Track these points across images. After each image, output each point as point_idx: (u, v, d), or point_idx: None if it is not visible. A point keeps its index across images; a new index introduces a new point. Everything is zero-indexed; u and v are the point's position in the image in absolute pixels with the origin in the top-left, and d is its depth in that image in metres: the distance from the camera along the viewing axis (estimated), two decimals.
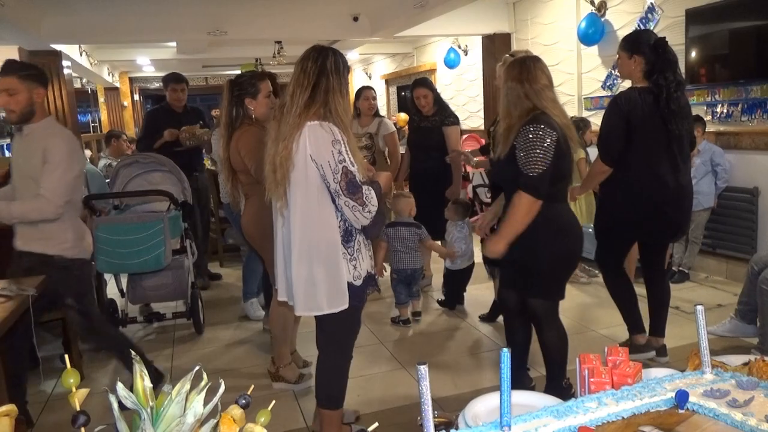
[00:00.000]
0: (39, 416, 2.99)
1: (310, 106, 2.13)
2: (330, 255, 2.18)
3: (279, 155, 2.14)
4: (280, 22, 6.92)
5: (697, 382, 1.14)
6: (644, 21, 5.23)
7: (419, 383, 0.91)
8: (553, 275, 2.54)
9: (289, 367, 3.15)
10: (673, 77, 2.91)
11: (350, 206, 2.13)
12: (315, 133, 2.11)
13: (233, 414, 0.75)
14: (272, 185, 2.21)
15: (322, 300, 2.20)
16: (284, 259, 2.28)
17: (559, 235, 2.43)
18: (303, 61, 2.19)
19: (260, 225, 2.93)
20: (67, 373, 0.71)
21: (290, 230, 2.21)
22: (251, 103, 2.96)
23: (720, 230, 4.70)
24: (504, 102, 2.50)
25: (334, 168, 2.10)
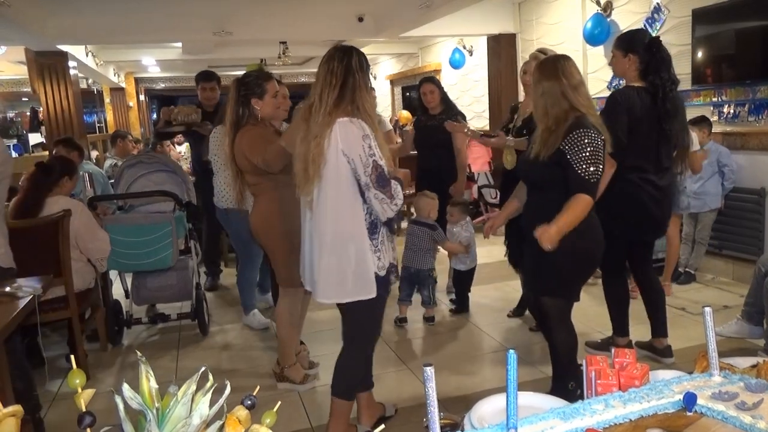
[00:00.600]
0: (45, 416, 3.00)
1: (339, 104, 2.22)
2: (359, 246, 2.27)
3: (311, 152, 2.22)
4: (286, 23, 6.93)
5: (705, 384, 1.13)
6: (650, 21, 5.21)
7: (425, 384, 0.90)
8: (570, 276, 2.53)
9: (294, 368, 3.15)
10: (668, 76, 2.95)
11: (379, 199, 2.22)
12: (345, 129, 2.20)
13: (239, 415, 0.75)
14: (303, 181, 2.30)
15: (350, 289, 2.29)
16: (311, 251, 2.37)
17: (580, 236, 2.41)
18: (329, 61, 2.28)
19: (269, 223, 2.97)
20: (73, 373, 0.71)
21: (318, 223, 2.30)
22: (257, 103, 2.96)
23: (727, 231, 4.67)
24: (541, 102, 2.49)
25: (365, 162, 2.19)
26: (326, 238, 2.28)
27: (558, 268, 2.47)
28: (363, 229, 2.28)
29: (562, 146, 2.37)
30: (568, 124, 2.39)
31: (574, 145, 2.35)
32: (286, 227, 2.96)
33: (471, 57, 8.48)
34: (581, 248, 2.46)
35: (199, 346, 3.91)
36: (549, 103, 2.46)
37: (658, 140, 2.96)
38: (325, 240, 2.29)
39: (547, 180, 2.49)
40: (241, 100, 2.97)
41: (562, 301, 2.59)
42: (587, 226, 2.44)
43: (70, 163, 3.75)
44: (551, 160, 2.41)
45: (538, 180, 2.57)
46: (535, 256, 2.51)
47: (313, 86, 2.31)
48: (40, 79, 6.80)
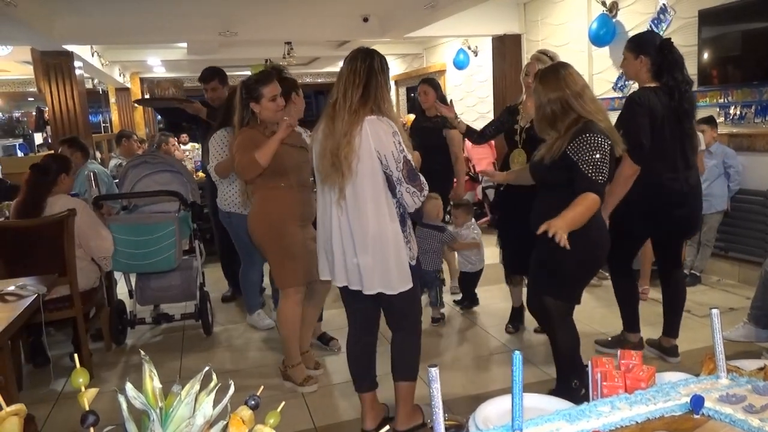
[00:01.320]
0: (49, 415, 3.01)
1: (364, 103, 2.31)
2: (396, 239, 2.37)
3: (342, 149, 2.28)
4: (291, 23, 6.94)
5: (712, 386, 1.12)
6: (656, 22, 5.19)
7: (430, 386, 0.90)
8: (574, 278, 2.56)
9: (298, 368, 3.15)
10: (682, 77, 2.98)
11: (411, 192, 2.32)
12: (375, 127, 2.29)
13: (242, 415, 0.74)
14: (333, 178, 2.35)
15: (394, 281, 2.39)
16: (342, 247, 2.42)
17: (586, 238, 2.42)
18: (352, 62, 2.37)
19: (260, 223, 3.02)
20: (76, 372, 0.70)
21: (355, 219, 2.35)
22: (255, 106, 2.97)
23: (733, 233, 4.65)
24: (550, 116, 2.50)
25: (396, 157, 2.28)
26: (367, 233, 2.34)
27: (562, 270, 2.49)
28: (397, 222, 2.38)
29: (568, 150, 2.39)
30: (574, 130, 2.42)
31: (580, 149, 2.37)
32: (278, 228, 2.99)
33: (476, 57, 8.46)
34: (586, 252, 2.46)
35: (202, 346, 3.91)
36: (558, 116, 2.47)
37: (681, 139, 3.01)
38: (366, 235, 2.34)
39: (553, 182, 2.52)
40: (243, 102, 3.00)
41: (565, 302, 2.61)
42: (592, 229, 2.43)
43: (65, 159, 3.76)
44: (557, 164, 2.43)
45: (546, 181, 2.59)
46: (540, 257, 2.54)
47: (336, 85, 2.40)
48: (45, 79, 6.82)
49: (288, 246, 2.99)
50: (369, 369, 2.67)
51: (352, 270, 2.43)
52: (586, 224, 2.38)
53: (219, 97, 4.39)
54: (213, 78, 4.42)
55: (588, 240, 2.43)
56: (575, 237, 2.32)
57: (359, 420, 2.77)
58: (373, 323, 2.66)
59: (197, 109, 4.28)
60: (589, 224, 2.39)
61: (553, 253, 2.37)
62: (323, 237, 2.54)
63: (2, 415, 0.65)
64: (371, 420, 2.64)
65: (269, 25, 6.92)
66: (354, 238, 2.38)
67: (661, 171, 2.99)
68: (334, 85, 2.44)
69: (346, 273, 2.46)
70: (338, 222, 2.41)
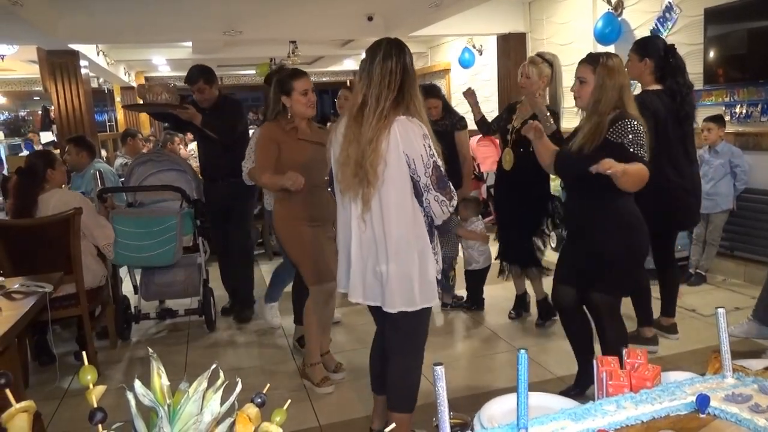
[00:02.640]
0: (54, 412, 3.02)
1: (396, 106, 2.12)
2: (423, 251, 2.18)
3: (367, 157, 2.09)
4: (295, 22, 6.95)
5: (717, 386, 1.12)
6: (662, 20, 5.17)
7: (435, 384, 0.90)
8: (622, 270, 2.59)
9: (317, 367, 3.13)
10: (684, 81, 3.15)
11: (439, 201, 2.14)
12: (406, 128, 2.10)
13: (249, 413, 0.74)
14: (356, 189, 2.15)
15: (417, 297, 2.18)
16: (363, 259, 2.22)
17: (629, 229, 2.50)
18: (385, 60, 2.14)
19: (279, 223, 3.03)
20: (84, 369, 0.71)
21: (379, 229, 2.16)
22: (287, 100, 2.95)
23: (738, 232, 4.63)
24: (605, 99, 2.49)
25: (426, 162, 2.10)
26: (390, 244, 2.14)
27: (612, 265, 2.54)
28: (424, 232, 2.19)
29: (609, 135, 2.44)
30: (612, 117, 2.47)
31: (620, 131, 2.42)
32: (291, 228, 2.98)
33: (480, 56, 8.46)
34: (633, 244, 2.54)
35: (206, 342, 3.93)
36: (609, 100, 2.49)
37: (683, 139, 3.16)
38: (390, 246, 2.14)
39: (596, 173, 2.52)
40: (274, 98, 3.00)
41: (613, 297, 2.64)
42: (637, 222, 2.53)
43: (49, 154, 3.78)
44: (598, 153, 2.41)
45: (586, 173, 2.55)
46: (585, 254, 2.58)
47: (362, 84, 2.18)
48: (51, 78, 6.84)
49: (307, 247, 2.98)
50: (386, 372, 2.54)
51: (371, 284, 2.22)
52: (621, 211, 2.47)
53: (207, 98, 4.10)
54: (198, 79, 4.07)
55: (633, 232, 2.52)
56: (620, 227, 2.46)
57: (364, 419, 2.78)
58: None
59: (191, 116, 3.92)
60: (623, 211, 2.47)
61: (599, 248, 2.48)
62: (342, 248, 2.34)
63: (12, 412, 0.66)
64: (380, 420, 2.58)
65: (274, 25, 6.93)
66: (377, 250, 2.18)
67: (667, 170, 3.11)
68: (357, 83, 2.23)
69: (363, 288, 2.25)
70: (359, 235, 2.21)
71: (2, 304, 2.18)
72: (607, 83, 2.48)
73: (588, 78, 2.54)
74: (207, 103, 4.10)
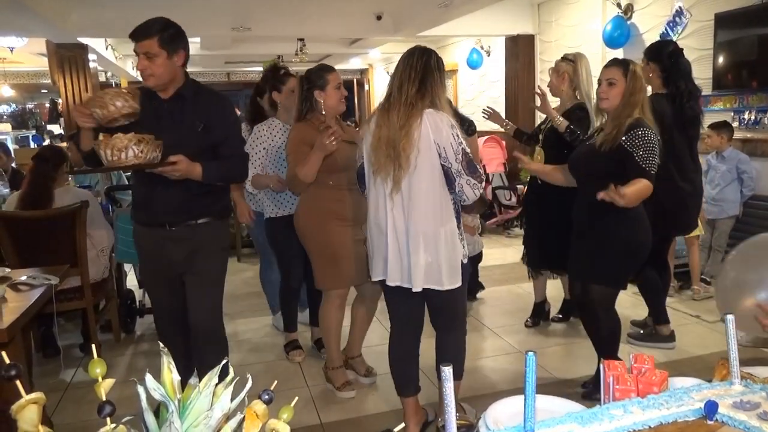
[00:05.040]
0: (58, 404, 3.03)
1: (421, 97, 2.28)
2: (453, 236, 2.34)
3: (401, 142, 2.24)
4: (304, 20, 6.95)
5: (725, 392, 1.11)
6: (672, 24, 5.15)
7: (443, 385, 0.90)
8: (623, 266, 2.68)
9: (338, 371, 3.09)
10: (686, 86, 3.15)
11: (471, 184, 2.29)
12: (435, 119, 2.26)
13: (256, 409, 0.75)
14: (388, 168, 2.29)
15: (444, 277, 2.33)
16: (397, 243, 2.36)
17: (631, 224, 2.59)
18: (408, 58, 2.35)
19: (310, 222, 2.90)
20: (93, 363, 0.71)
21: (409, 214, 2.31)
22: (320, 95, 2.84)
23: (744, 239, 4.59)
24: (632, 103, 2.57)
25: (456, 149, 2.25)
26: (420, 228, 2.30)
27: (612, 259, 2.62)
28: (453, 218, 2.35)
29: (623, 142, 2.50)
30: (629, 122, 2.53)
31: (634, 141, 2.49)
32: (323, 228, 2.86)
33: (488, 57, 8.44)
34: (636, 241, 2.62)
35: None
36: (635, 103, 2.57)
37: (689, 144, 3.21)
38: (419, 230, 2.30)
39: (604, 171, 2.56)
40: (305, 95, 2.89)
41: (611, 289, 2.72)
42: (641, 219, 2.61)
43: (61, 151, 3.79)
44: (611, 154, 2.53)
45: (597, 171, 2.62)
46: (587, 246, 2.67)
47: (390, 80, 2.38)
48: (60, 71, 6.87)
49: (333, 247, 2.86)
50: (413, 372, 2.57)
51: (405, 267, 2.36)
52: (633, 211, 2.53)
53: (157, 75, 2.31)
54: (149, 33, 2.39)
55: (636, 229, 2.60)
56: (623, 223, 2.54)
57: (366, 418, 2.79)
58: (419, 325, 2.57)
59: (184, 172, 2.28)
60: (634, 210, 2.53)
61: (596, 239, 2.58)
62: (376, 233, 2.44)
63: (22, 403, 0.66)
64: (415, 425, 2.55)
65: (283, 22, 6.93)
66: (408, 233, 2.32)
67: (672, 173, 3.14)
68: (389, 81, 2.42)
69: (400, 271, 2.38)
70: (392, 216, 2.34)
71: (9, 295, 2.19)
72: (635, 88, 2.58)
73: (618, 80, 2.60)
74: (157, 82, 2.33)
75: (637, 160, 2.48)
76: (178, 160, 2.24)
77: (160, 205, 2.43)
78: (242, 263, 5.86)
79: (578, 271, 2.78)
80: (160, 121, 2.36)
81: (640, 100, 2.58)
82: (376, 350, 3.37)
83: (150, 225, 2.49)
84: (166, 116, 2.38)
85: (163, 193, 2.39)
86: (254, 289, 4.94)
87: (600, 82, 2.67)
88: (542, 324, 3.94)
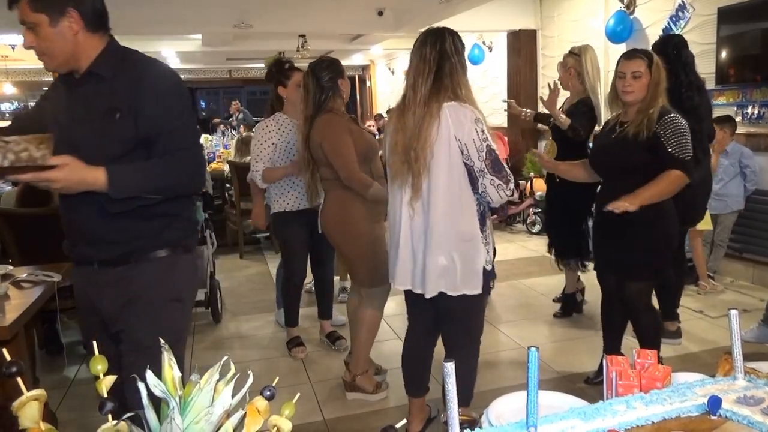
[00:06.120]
0: (61, 401, 3.04)
1: (436, 93, 2.10)
2: (474, 240, 2.17)
3: (414, 144, 2.10)
4: (305, 16, 6.93)
5: (729, 388, 1.11)
6: (674, 19, 5.13)
7: (445, 380, 0.90)
8: (654, 258, 2.65)
9: (367, 376, 2.96)
10: (685, 77, 3.12)
11: (495, 185, 2.11)
12: (457, 113, 2.08)
13: (258, 405, 0.74)
14: (404, 175, 2.17)
15: (457, 281, 2.18)
16: (412, 247, 2.22)
17: (659, 217, 2.56)
18: (420, 48, 2.15)
19: (348, 222, 2.80)
20: (95, 359, 0.71)
21: (428, 218, 2.16)
22: (343, 84, 2.81)
23: (747, 234, 4.60)
24: (658, 94, 2.56)
25: (479, 146, 2.08)
26: (440, 232, 2.14)
27: (645, 254, 2.60)
28: (475, 221, 2.17)
29: (657, 128, 2.48)
30: (658, 110, 2.52)
31: (667, 128, 2.48)
32: (368, 225, 2.79)
33: (490, 53, 8.41)
34: (666, 233, 2.62)
35: (212, 334, 3.95)
36: (659, 93, 2.56)
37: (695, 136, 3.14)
38: (439, 234, 2.14)
39: (638, 163, 2.53)
40: (323, 86, 2.77)
41: (645, 283, 2.69)
42: (670, 212, 2.59)
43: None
44: (644, 145, 2.50)
45: (627, 164, 2.59)
46: (619, 243, 2.62)
47: (406, 76, 2.20)
48: None
49: (372, 245, 2.79)
50: (424, 374, 2.49)
51: (419, 272, 2.22)
52: (663, 204, 2.51)
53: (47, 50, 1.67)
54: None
55: (665, 220, 2.58)
56: (654, 217, 2.50)
57: (368, 414, 2.79)
58: (435, 329, 2.43)
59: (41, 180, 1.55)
60: (663, 203, 2.52)
61: (634, 237, 2.54)
62: (393, 237, 2.32)
63: (23, 400, 0.66)
64: (418, 422, 2.51)
65: (284, 18, 6.92)
66: (426, 238, 2.17)
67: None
68: (404, 77, 2.24)
69: (412, 276, 2.25)
70: (409, 222, 2.21)
71: (11, 292, 2.20)
72: (661, 78, 2.57)
73: (643, 72, 2.59)
74: (53, 63, 1.70)
75: (670, 149, 2.46)
76: (60, 162, 1.49)
77: (78, 233, 1.75)
78: (244, 260, 5.86)
79: (611, 268, 2.74)
80: (72, 111, 1.69)
81: (662, 92, 2.57)
82: (379, 347, 3.36)
83: (77, 262, 1.83)
84: (77, 105, 1.69)
85: (82, 217, 1.70)
86: (256, 286, 4.96)
87: (623, 75, 2.61)
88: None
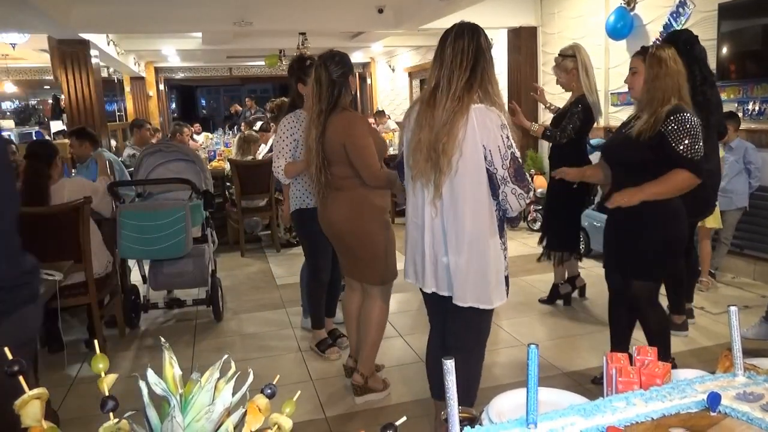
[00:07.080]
0: (63, 399, 3.05)
1: (470, 88, 2.02)
2: (494, 246, 2.11)
3: (441, 141, 2.01)
4: (306, 13, 6.93)
5: (728, 384, 1.11)
6: (675, 15, 5.12)
7: (445, 378, 0.90)
8: (659, 258, 2.63)
9: (376, 377, 2.95)
10: (699, 72, 3.12)
11: (517, 194, 2.06)
12: (484, 117, 2.01)
13: (259, 403, 0.75)
14: (428, 174, 2.07)
15: (491, 293, 2.12)
16: (433, 249, 2.15)
17: (668, 218, 2.54)
18: (456, 40, 2.06)
19: (364, 220, 2.73)
20: (96, 358, 0.71)
21: (451, 221, 2.09)
22: (352, 80, 2.75)
23: (749, 230, 4.59)
24: (658, 88, 2.50)
25: (503, 153, 2.01)
26: (463, 235, 2.07)
27: (651, 254, 2.58)
28: (496, 227, 2.11)
29: (663, 128, 2.45)
30: (668, 108, 2.48)
31: (674, 127, 2.44)
32: (384, 223, 2.77)
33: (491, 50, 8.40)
34: (672, 235, 2.59)
35: (214, 332, 3.95)
36: (662, 88, 2.50)
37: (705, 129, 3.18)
38: (462, 238, 2.07)
39: (642, 161, 2.52)
40: (337, 81, 2.68)
41: (652, 283, 2.67)
42: (678, 212, 2.56)
43: (51, 144, 3.78)
44: (650, 142, 2.47)
45: (632, 161, 2.59)
46: (625, 241, 2.61)
47: (435, 68, 2.09)
48: (62, 67, 6.87)
49: (385, 243, 2.75)
50: None
51: (442, 273, 2.15)
52: (662, 200, 2.48)
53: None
54: None
55: (666, 216, 2.53)
56: (661, 217, 2.49)
57: (369, 411, 2.79)
58: None
59: None
60: (673, 202, 2.50)
61: (639, 237, 2.53)
62: (413, 237, 2.23)
63: (25, 399, 0.66)
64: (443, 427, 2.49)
65: (284, 16, 6.92)
66: (447, 240, 2.10)
67: None
68: (431, 69, 2.14)
69: (435, 278, 2.17)
70: (431, 223, 2.13)
71: None
72: (659, 73, 2.50)
73: (639, 68, 2.59)
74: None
75: (676, 147, 2.43)
76: None
77: None
78: (246, 258, 5.87)
79: (619, 266, 2.73)
80: None
81: (668, 86, 2.49)
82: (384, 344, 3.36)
83: None
84: None
85: None
86: (258, 284, 4.97)
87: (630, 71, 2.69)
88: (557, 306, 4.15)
